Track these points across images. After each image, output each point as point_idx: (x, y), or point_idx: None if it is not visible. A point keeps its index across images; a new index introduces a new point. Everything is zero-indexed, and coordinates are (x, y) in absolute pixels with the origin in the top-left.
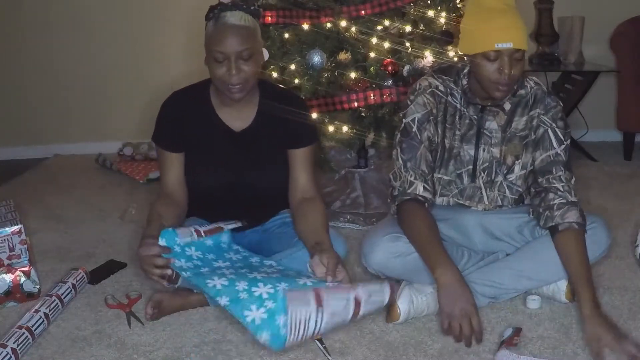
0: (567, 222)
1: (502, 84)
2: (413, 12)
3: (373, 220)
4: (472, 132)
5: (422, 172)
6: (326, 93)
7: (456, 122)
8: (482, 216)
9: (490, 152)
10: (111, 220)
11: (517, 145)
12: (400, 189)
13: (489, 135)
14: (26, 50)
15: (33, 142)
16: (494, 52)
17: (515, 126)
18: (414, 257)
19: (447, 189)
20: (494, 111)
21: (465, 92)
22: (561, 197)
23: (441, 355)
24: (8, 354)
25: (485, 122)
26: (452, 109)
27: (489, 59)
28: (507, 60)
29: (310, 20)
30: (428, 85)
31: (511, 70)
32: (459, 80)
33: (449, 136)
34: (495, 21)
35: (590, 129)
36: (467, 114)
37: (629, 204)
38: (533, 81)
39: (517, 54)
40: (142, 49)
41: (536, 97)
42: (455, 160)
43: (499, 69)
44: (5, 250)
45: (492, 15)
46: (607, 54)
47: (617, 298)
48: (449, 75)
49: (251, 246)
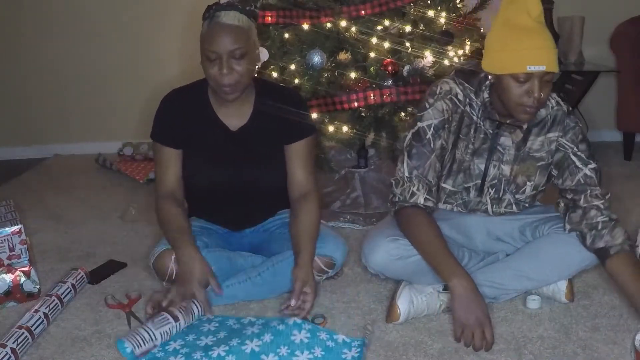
0: (619, 245)
1: (529, 106)
2: (413, 12)
3: (373, 220)
4: (485, 146)
5: (427, 182)
6: (326, 93)
7: (470, 135)
8: (483, 217)
9: (500, 170)
10: (111, 220)
11: (529, 166)
12: (401, 197)
13: (502, 152)
14: (26, 50)
15: (33, 142)
16: (524, 74)
17: (530, 145)
18: (415, 260)
19: (452, 198)
20: (511, 128)
21: (485, 106)
22: (604, 215)
23: (441, 355)
24: (8, 354)
25: (500, 138)
26: (468, 119)
27: (518, 80)
28: (537, 84)
29: (310, 20)
30: (449, 90)
31: (540, 94)
32: (480, 92)
33: (461, 148)
34: (527, 42)
35: (590, 129)
36: (482, 127)
37: (629, 204)
38: (555, 100)
39: (548, 76)
40: (142, 49)
41: (556, 119)
42: (464, 174)
43: (528, 91)
44: (5, 250)
45: (523, 34)
46: (607, 54)
47: (617, 298)
48: (471, 83)
49: (251, 247)
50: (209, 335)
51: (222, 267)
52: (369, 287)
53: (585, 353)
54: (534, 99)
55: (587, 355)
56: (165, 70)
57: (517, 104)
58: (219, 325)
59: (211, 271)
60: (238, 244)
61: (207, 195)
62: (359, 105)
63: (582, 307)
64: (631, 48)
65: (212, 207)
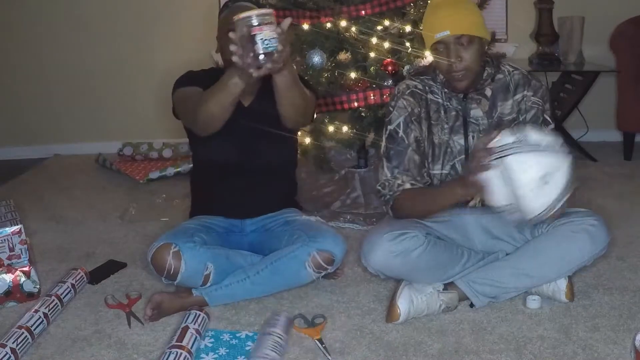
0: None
1: (455, 71)
2: (413, 12)
3: (373, 220)
4: (458, 122)
5: (410, 174)
6: (326, 93)
7: (442, 117)
8: (481, 216)
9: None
10: (111, 220)
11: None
12: (390, 192)
13: (476, 123)
14: (26, 50)
15: (33, 142)
16: (438, 43)
17: (502, 111)
18: (414, 256)
19: (445, 180)
20: (476, 99)
21: (444, 86)
22: None
23: (441, 355)
24: (7, 354)
25: (469, 110)
26: (434, 105)
27: (437, 51)
28: (452, 49)
29: (310, 20)
30: (406, 87)
31: (458, 57)
32: (437, 76)
33: (437, 132)
34: (436, 14)
35: (590, 129)
36: (451, 106)
37: (629, 204)
38: (509, 65)
39: (463, 39)
40: (142, 49)
41: (519, 81)
42: (446, 154)
43: (447, 59)
44: (5, 250)
45: (436, 9)
46: (607, 54)
47: (617, 298)
48: (425, 74)
49: (251, 247)
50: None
51: (221, 265)
52: (369, 287)
53: (585, 353)
54: (455, 64)
55: (587, 355)
56: (165, 70)
57: (447, 73)
58: (214, 341)
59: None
60: (237, 244)
61: (217, 170)
62: (359, 105)
63: (582, 307)
64: (631, 48)
65: (220, 185)
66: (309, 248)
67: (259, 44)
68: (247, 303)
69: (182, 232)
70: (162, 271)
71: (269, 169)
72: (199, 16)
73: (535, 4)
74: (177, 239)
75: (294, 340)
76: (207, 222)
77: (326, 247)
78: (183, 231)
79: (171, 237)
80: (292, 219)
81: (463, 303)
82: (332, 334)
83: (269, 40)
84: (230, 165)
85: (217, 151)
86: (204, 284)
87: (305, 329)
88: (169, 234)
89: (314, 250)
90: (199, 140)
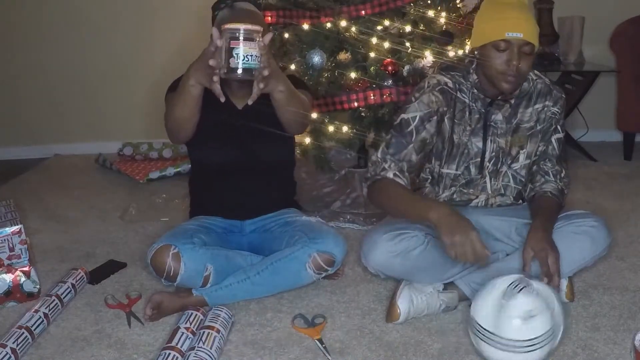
0: (543, 191)
1: (509, 75)
2: (413, 12)
3: (373, 220)
4: (479, 125)
5: (400, 165)
6: (326, 93)
7: (466, 118)
8: (481, 218)
9: (497, 143)
10: (111, 220)
11: (521, 136)
12: (373, 173)
13: (495, 127)
14: (26, 50)
15: (33, 142)
16: (504, 42)
17: (521, 118)
18: (414, 256)
19: (456, 180)
20: (500, 104)
21: (475, 87)
22: (550, 181)
23: (441, 355)
24: (8, 354)
25: (491, 115)
26: (460, 104)
27: (498, 49)
28: (516, 52)
29: (310, 20)
30: (437, 82)
31: (519, 63)
32: (469, 75)
33: (458, 132)
34: (507, 13)
35: (590, 129)
36: (475, 108)
37: (629, 204)
38: (534, 73)
39: (527, 48)
40: (143, 49)
41: (541, 90)
42: (463, 155)
43: (507, 60)
44: (5, 250)
45: (505, 8)
46: (607, 54)
47: (617, 298)
48: (457, 70)
49: (250, 248)
50: None
51: (220, 266)
52: (369, 287)
53: (585, 353)
54: (513, 68)
55: (587, 355)
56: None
57: (499, 73)
58: None
59: None
60: (237, 244)
61: (214, 172)
62: (359, 105)
63: (582, 307)
64: (631, 48)
65: (218, 187)
66: (309, 249)
67: (236, 58)
68: (247, 303)
69: (182, 233)
70: (162, 273)
71: (266, 169)
72: (199, 17)
73: (535, 4)
74: (176, 241)
75: (294, 340)
76: (206, 223)
77: (327, 249)
78: (182, 232)
79: (170, 239)
80: (292, 219)
81: (463, 303)
82: (332, 334)
83: (249, 57)
84: (227, 166)
85: (213, 154)
86: (204, 285)
87: (305, 329)
88: (168, 235)
89: (314, 252)
90: (195, 143)
